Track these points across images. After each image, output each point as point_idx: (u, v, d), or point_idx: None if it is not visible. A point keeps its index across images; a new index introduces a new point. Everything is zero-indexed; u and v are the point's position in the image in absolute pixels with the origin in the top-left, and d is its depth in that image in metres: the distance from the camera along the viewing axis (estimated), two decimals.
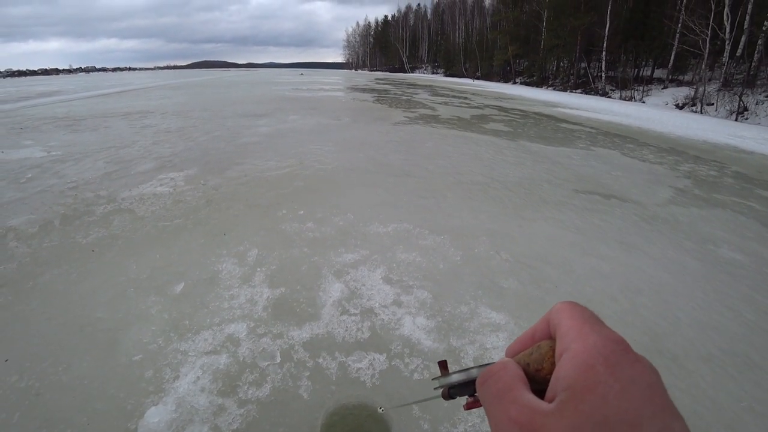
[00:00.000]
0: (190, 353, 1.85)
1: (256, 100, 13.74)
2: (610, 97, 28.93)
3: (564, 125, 10.64)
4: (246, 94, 17.33)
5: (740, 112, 19.22)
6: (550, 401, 0.21)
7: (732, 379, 1.89)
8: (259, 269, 2.55)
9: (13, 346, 1.91)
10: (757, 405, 1.76)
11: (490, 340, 1.97)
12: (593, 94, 30.77)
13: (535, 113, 13.30)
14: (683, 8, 24.85)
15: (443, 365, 0.38)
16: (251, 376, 1.73)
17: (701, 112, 21.11)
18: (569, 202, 4.10)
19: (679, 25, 24.73)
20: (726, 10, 21.94)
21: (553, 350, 0.25)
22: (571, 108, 16.68)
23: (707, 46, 22.81)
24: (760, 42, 20.83)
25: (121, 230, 3.15)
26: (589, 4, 32.25)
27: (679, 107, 22.91)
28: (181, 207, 3.61)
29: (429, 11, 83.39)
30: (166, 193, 3.97)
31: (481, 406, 0.33)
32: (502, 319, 2.13)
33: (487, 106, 14.83)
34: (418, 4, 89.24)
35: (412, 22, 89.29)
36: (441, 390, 0.36)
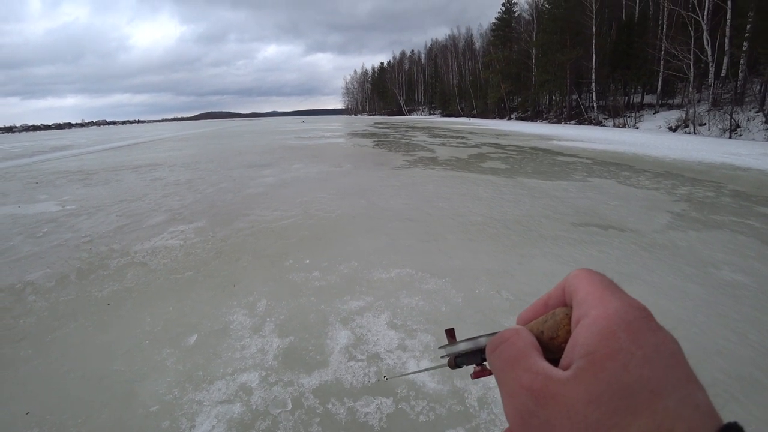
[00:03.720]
0: (204, 403, 1.92)
1: (260, 150, 14.22)
2: (603, 125, 29.54)
3: (560, 158, 10.88)
4: (250, 144, 17.92)
5: (733, 130, 19.49)
6: (565, 369, 0.21)
7: (738, 403, 1.90)
8: (268, 319, 2.64)
9: (33, 398, 2.00)
10: (765, 428, 1.77)
11: (492, 379, 2.01)
12: (587, 124, 31.48)
13: (531, 148, 13.61)
14: (664, 37, 25.92)
15: (450, 333, 0.38)
16: (264, 423, 1.79)
17: (695, 133, 21.43)
18: (567, 236, 4.19)
19: (662, 52, 25.70)
20: (705, 35, 22.84)
21: (569, 318, 0.25)
22: (567, 140, 17.03)
23: (692, 69, 23.55)
24: (742, 62, 21.51)
25: (135, 283, 3.27)
26: (574, 40, 33.68)
27: (673, 130, 23.29)
28: (192, 259, 3.74)
29: (423, 56, 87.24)
30: (177, 246, 4.12)
31: (488, 374, 0.33)
32: None
33: (484, 144, 15.22)
34: (412, 50, 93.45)
35: (407, 67, 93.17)
36: (448, 359, 0.36)
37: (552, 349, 0.25)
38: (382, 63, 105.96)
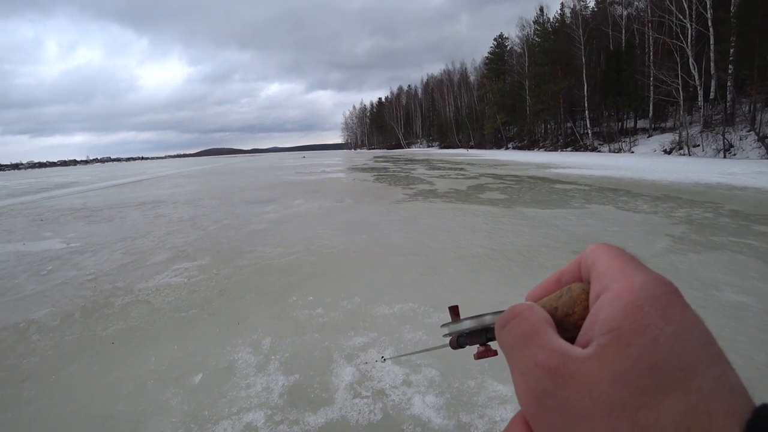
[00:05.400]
0: None
1: (262, 186, 14.40)
2: (599, 151, 30.01)
3: (558, 186, 11.02)
4: (252, 180, 18.13)
5: (727, 149, 19.78)
6: (584, 348, 0.20)
7: None
8: (273, 357, 2.64)
9: None
10: None
11: (499, 413, 2.01)
12: (583, 151, 31.99)
13: (529, 177, 13.80)
14: (651, 63, 26.82)
15: (454, 311, 0.36)
16: None
17: (689, 155, 21.76)
18: None
19: (651, 78, 26.53)
20: (691, 60, 23.64)
21: (587, 293, 0.23)
22: (564, 167, 17.27)
23: (681, 93, 24.21)
24: (729, 84, 22.16)
25: (139, 322, 3.27)
26: (565, 71, 34.80)
27: (668, 152, 23.66)
28: (196, 297, 3.75)
29: (420, 90, 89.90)
30: (181, 284, 4.12)
31: (492, 355, 0.32)
32: (509, 391, 2.18)
33: (483, 175, 15.45)
34: (409, 85, 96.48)
35: (404, 102, 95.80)
36: (450, 339, 0.34)
37: (566, 327, 0.23)
38: (380, 98, 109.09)
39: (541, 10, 43.12)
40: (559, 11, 40.89)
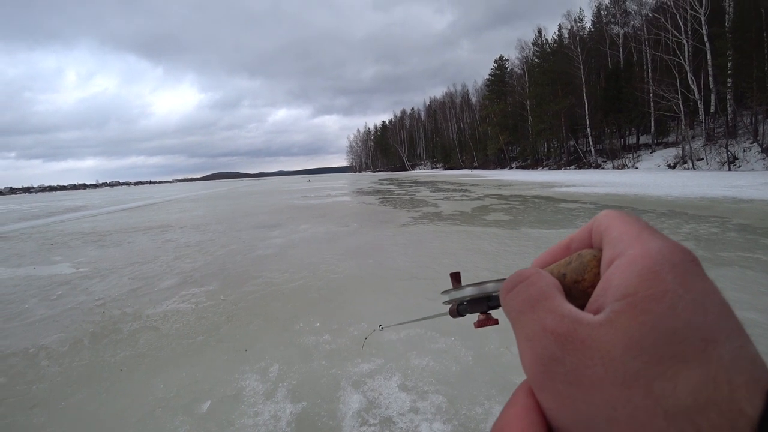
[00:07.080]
0: None
1: (268, 211, 14.52)
2: (603, 168, 30.01)
3: (562, 205, 11.03)
4: (258, 204, 18.32)
5: (731, 162, 19.71)
6: (594, 314, 0.19)
7: None
8: (281, 384, 2.65)
9: None
10: None
11: None
12: (587, 168, 32.00)
13: (534, 197, 13.82)
14: (650, 80, 27.15)
15: (456, 277, 0.35)
16: None
17: (693, 168, 21.71)
18: None
19: (651, 94, 26.81)
20: (689, 75, 23.90)
21: (598, 260, 0.22)
22: (568, 186, 17.28)
23: (681, 108, 24.39)
24: (729, 97, 22.31)
25: (147, 348, 3.29)
26: (565, 90, 35.26)
27: (671, 167, 23.61)
28: (204, 324, 3.77)
29: (422, 113, 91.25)
30: (189, 310, 4.15)
31: (493, 324, 0.31)
32: None
33: (487, 195, 15.51)
34: (412, 108, 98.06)
35: (408, 124, 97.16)
36: (450, 307, 0.32)
37: (575, 295, 0.22)
38: (384, 121, 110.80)
39: (540, 32, 44.13)
40: (556, 32, 41.84)
